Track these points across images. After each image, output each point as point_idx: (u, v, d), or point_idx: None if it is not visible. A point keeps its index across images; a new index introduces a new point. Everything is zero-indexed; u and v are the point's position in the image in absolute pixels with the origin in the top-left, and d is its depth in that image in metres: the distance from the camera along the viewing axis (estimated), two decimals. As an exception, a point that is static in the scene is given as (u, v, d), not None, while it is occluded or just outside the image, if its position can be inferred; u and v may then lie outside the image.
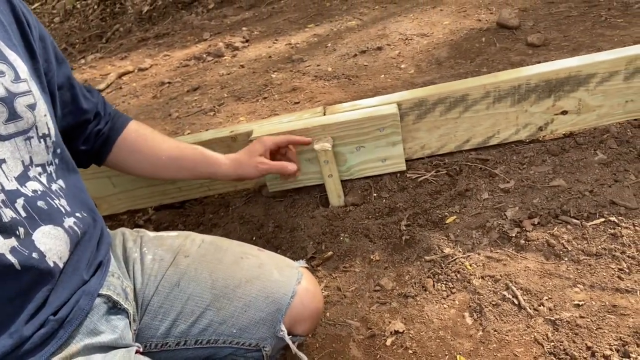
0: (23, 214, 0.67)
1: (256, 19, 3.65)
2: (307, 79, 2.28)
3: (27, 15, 0.80)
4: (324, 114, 1.24)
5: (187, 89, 2.58)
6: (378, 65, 2.24)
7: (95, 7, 4.96)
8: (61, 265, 0.71)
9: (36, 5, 5.70)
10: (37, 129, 0.72)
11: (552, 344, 0.87)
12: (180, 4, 4.40)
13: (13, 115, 0.68)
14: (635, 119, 1.24)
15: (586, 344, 0.85)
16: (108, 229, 0.91)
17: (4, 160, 0.66)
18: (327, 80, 2.22)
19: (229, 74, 2.64)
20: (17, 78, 0.70)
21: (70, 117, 0.92)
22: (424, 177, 1.27)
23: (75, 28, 4.79)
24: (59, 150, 0.78)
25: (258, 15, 3.73)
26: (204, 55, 3.05)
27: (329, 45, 2.65)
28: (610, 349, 0.83)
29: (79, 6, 5.20)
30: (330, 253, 1.16)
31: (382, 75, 2.13)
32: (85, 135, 0.97)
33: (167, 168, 1.06)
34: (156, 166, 1.06)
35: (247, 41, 3.13)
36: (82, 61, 3.84)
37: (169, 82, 2.78)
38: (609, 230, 1.03)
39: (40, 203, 0.70)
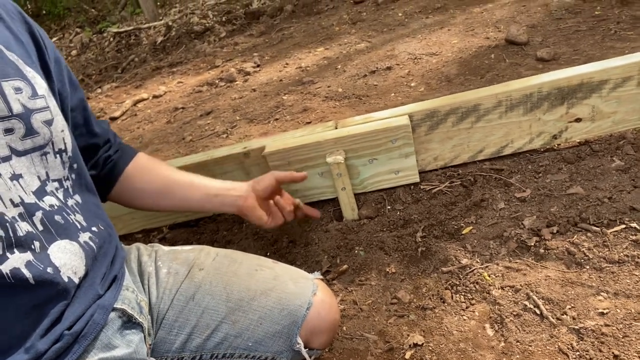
0: (40, 228, 0.67)
1: (267, 44, 3.72)
2: (318, 99, 2.30)
3: (43, 37, 0.82)
4: (336, 128, 1.25)
5: (201, 113, 2.63)
6: (388, 85, 2.26)
7: (111, 39, 5.11)
8: (76, 280, 0.71)
9: (54, 39, 5.90)
10: (53, 145, 0.73)
11: (578, 353, 0.84)
12: (192, 34, 4.51)
13: (30, 131, 0.69)
14: (652, 125, 1.22)
15: (613, 353, 0.82)
16: (122, 244, 0.91)
17: (20, 175, 0.67)
18: (337, 100, 2.23)
19: (241, 98, 2.68)
20: (34, 94, 0.71)
21: (82, 139, 0.92)
22: (438, 189, 1.26)
23: (91, 60, 4.93)
24: (75, 166, 0.79)
25: (268, 41, 3.80)
26: (217, 81, 3.10)
27: (339, 67, 2.69)
28: (639, 357, 0.80)
29: (95, 39, 5.36)
30: (345, 267, 1.15)
31: (393, 94, 2.14)
32: (95, 160, 0.97)
33: (172, 199, 1.02)
34: (161, 195, 1.02)
35: (258, 66, 3.18)
36: (99, 90, 3.93)
37: (183, 108, 2.83)
38: (631, 236, 1.01)
39: (57, 217, 0.71)
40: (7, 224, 0.63)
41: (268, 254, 1.26)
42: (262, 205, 1.08)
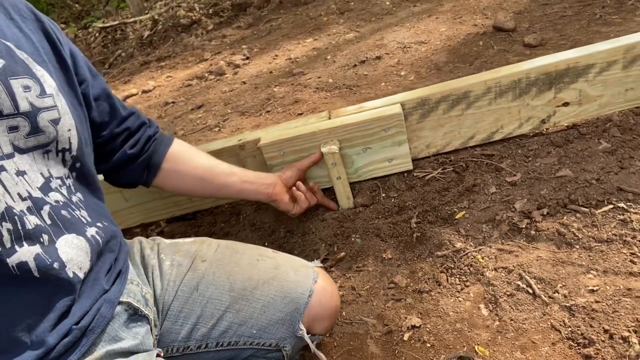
0: (48, 221, 0.68)
1: (255, 37, 3.71)
2: (308, 91, 2.31)
3: (57, 32, 0.83)
4: (329, 118, 1.27)
5: (191, 107, 2.62)
6: (378, 74, 2.27)
7: (97, 34, 5.05)
8: (81, 275, 0.72)
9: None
10: (57, 143, 0.74)
11: (570, 329, 0.88)
12: (179, 27, 4.48)
13: (35, 130, 0.70)
14: (637, 107, 1.25)
15: (603, 327, 0.86)
16: (124, 239, 0.92)
17: (24, 172, 0.68)
18: (328, 91, 2.25)
19: (231, 91, 2.68)
20: (42, 93, 0.72)
21: (111, 126, 0.95)
22: (431, 175, 1.28)
23: (77, 56, 4.87)
24: (77, 165, 0.79)
25: (257, 33, 3.79)
26: (206, 74, 3.10)
27: (329, 57, 2.69)
28: (628, 330, 0.84)
29: (80, 35, 5.29)
30: (342, 254, 1.18)
31: (383, 83, 2.15)
32: (135, 139, 0.99)
33: (213, 184, 1.09)
34: (204, 179, 1.08)
35: (247, 58, 3.18)
36: (86, 87, 3.89)
37: (173, 102, 2.83)
38: (619, 216, 1.04)
39: (63, 212, 0.72)
40: (16, 217, 0.64)
41: (266, 244, 1.28)
42: (288, 193, 1.19)
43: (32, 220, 0.66)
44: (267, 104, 2.31)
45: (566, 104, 1.23)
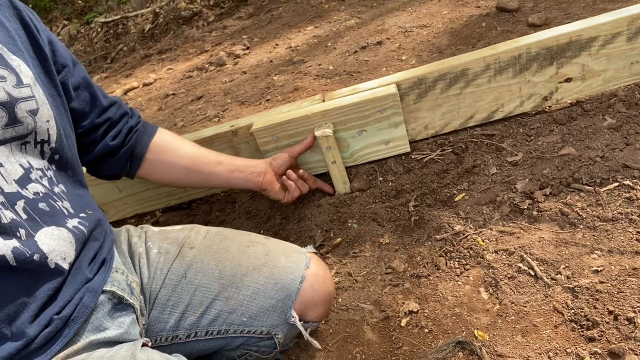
0: (24, 216, 0.67)
1: (256, 26, 3.67)
2: (309, 78, 2.28)
3: (34, 20, 0.81)
4: (323, 101, 1.23)
5: (191, 98, 2.60)
6: (379, 60, 2.23)
7: (99, 29, 5.05)
8: (65, 265, 0.71)
9: (42, 33, 5.80)
10: (35, 135, 0.72)
11: (573, 311, 0.84)
12: (180, 20, 4.45)
13: (13, 121, 0.68)
14: (643, 81, 1.20)
15: (608, 308, 0.82)
16: (112, 227, 0.90)
17: (0, 164, 0.66)
18: (329, 78, 2.21)
19: (231, 81, 2.65)
20: (19, 83, 0.70)
21: (92, 116, 0.93)
22: (429, 157, 1.24)
23: (80, 52, 4.87)
24: (57, 157, 0.77)
25: (257, 23, 3.75)
26: (207, 66, 3.07)
27: (329, 44, 2.66)
28: (634, 311, 0.80)
29: (82, 30, 5.29)
30: (339, 240, 1.15)
31: (384, 69, 2.11)
32: (116, 131, 0.96)
33: (200, 174, 1.06)
34: (190, 169, 1.04)
35: (247, 48, 3.15)
36: (89, 82, 3.89)
37: (174, 94, 2.81)
38: (624, 194, 1.00)
39: (42, 205, 0.70)
40: None
41: (262, 231, 1.26)
42: (278, 181, 1.15)
43: (7, 215, 0.65)
44: (267, 92, 2.28)
45: (569, 80, 1.18)
